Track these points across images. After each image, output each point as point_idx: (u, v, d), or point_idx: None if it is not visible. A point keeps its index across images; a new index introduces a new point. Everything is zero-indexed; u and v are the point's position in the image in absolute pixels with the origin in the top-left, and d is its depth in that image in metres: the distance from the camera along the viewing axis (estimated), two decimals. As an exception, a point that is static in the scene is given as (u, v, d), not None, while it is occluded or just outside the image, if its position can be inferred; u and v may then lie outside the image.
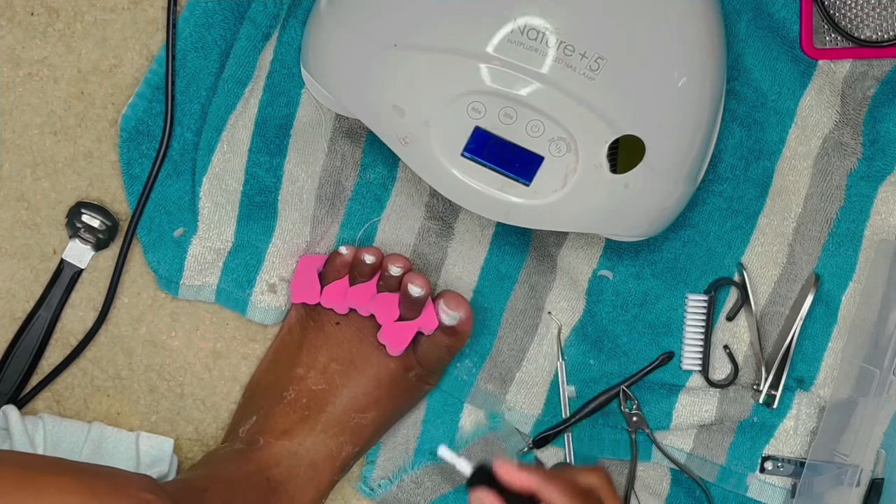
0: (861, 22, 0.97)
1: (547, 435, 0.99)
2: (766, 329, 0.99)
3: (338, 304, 0.94)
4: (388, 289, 0.94)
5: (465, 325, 0.94)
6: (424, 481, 0.99)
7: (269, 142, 0.95)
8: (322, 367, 0.94)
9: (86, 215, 0.95)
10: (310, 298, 0.95)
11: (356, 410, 0.94)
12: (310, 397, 0.93)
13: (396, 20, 0.83)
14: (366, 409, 0.94)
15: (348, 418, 0.93)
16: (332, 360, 0.94)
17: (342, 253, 0.95)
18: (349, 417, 0.93)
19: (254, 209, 0.96)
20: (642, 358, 0.99)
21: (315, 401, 0.93)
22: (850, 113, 0.97)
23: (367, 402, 0.94)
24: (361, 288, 0.94)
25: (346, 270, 0.95)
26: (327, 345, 0.95)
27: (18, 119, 0.95)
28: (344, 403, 0.93)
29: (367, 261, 0.94)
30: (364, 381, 0.94)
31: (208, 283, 0.97)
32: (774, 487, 1.00)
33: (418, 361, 0.95)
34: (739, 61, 0.96)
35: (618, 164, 0.86)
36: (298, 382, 0.94)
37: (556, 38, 0.81)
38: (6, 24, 0.94)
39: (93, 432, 0.94)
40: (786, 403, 0.99)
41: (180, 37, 0.94)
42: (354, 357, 0.94)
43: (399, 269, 0.93)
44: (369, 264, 0.94)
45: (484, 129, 0.83)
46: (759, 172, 0.98)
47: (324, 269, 0.96)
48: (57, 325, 0.96)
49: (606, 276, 0.99)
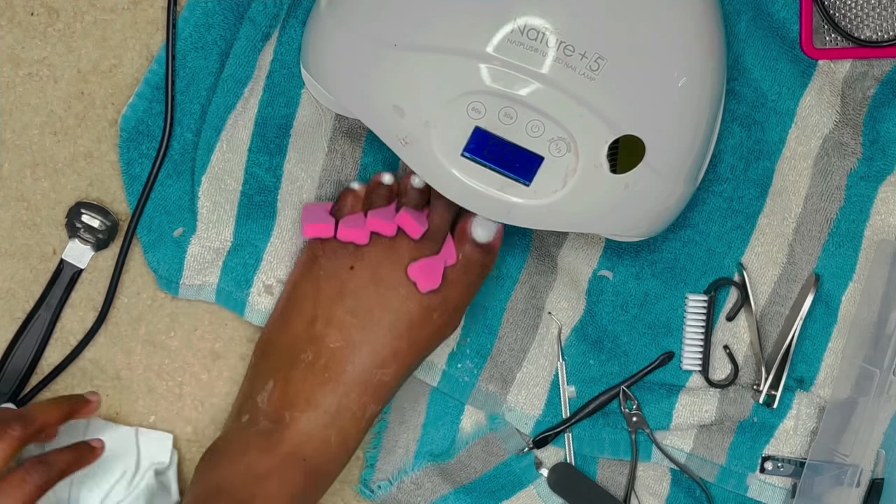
0: (861, 22, 0.97)
1: (547, 435, 0.99)
2: (766, 329, 0.99)
3: (357, 234, 0.89)
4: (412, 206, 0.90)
5: (498, 240, 0.91)
6: (424, 482, 0.99)
7: (268, 141, 0.95)
8: (339, 321, 0.89)
9: (86, 215, 0.95)
10: (324, 232, 0.90)
11: (377, 366, 0.89)
12: (329, 357, 0.89)
13: (396, 20, 0.83)
14: (387, 364, 0.89)
15: (370, 376, 0.89)
16: (349, 313, 0.89)
17: (354, 188, 0.91)
18: (371, 375, 0.89)
19: (253, 209, 0.96)
20: (642, 358, 0.99)
21: (334, 360, 0.89)
22: (850, 113, 0.97)
23: (388, 355, 0.89)
24: (382, 210, 0.89)
25: (360, 206, 0.91)
26: (342, 295, 0.89)
27: (18, 119, 0.95)
28: (364, 360, 0.89)
29: (385, 181, 0.90)
30: (384, 332, 0.89)
31: (208, 283, 0.97)
32: (774, 487, 1.00)
33: (444, 297, 0.90)
34: (739, 61, 0.96)
35: (618, 165, 0.86)
36: (315, 342, 0.89)
37: (556, 38, 0.81)
38: (6, 24, 0.94)
39: (91, 427, 0.95)
40: (786, 403, 0.99)
41: (180, 37, 0.94)
42: (373, 306, 0.89)
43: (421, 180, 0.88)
44: (388, 185, 0.90)
45: (484, 129, 0.83)
46: (759, 172, 0.98)
47: (335, 207, 0.92)
48: (57, 325, 0.96)
49: (606, 276, 0.99)
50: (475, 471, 0.99)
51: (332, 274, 0.89)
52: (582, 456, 1.00)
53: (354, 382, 0.89)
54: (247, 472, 0.87)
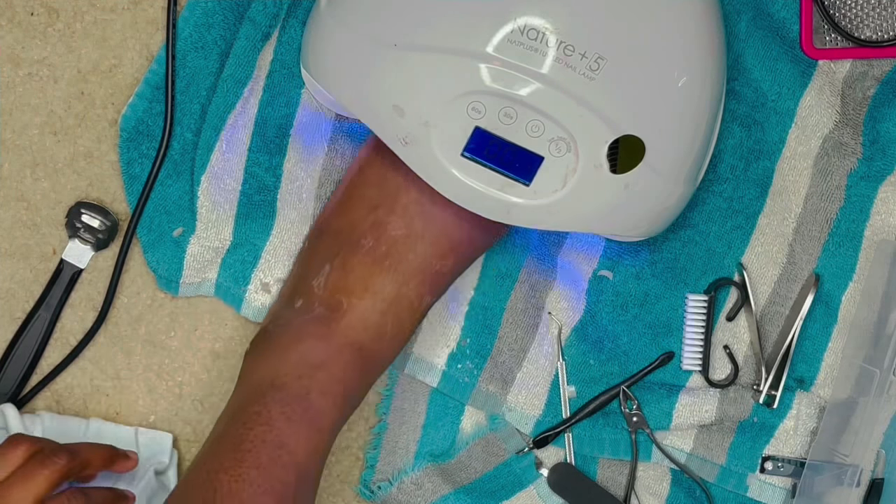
0: (861, 22, 0.97)
1: (547, 435, 0.99)
2: (766, 329, 0.99)
3: None
4: None
5: None
6: (424, 483, 0.99)
7: (268, 141, 0.95)
8: (402, 209, 0.88)
9: (86, 215, 0.95)
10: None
11: (437, 257, 0.89)
12: (390, 244, 0.88)
13: (396, 20, 0.83)
14: (446, 256, 0.89)
15: (429, 266, 0.89)
16: (413, 202, 0.88)
17: None
18: (430, 265, 0.88)
19: (252, 208, 0.96)
20: (642, 358, 0.99)
21: (396, 248, 0.88)
22: (850, 113, 0.97)
23: (447, 246, 0.89)
24: None
25: None
26: (407, 184, 0.88)
27: (18, 119, 0.95)
28: (425, 250, 0.88)
29: None
30: (446, 224, 0.89)
31: (207, 279, 0.97)
32: (774, 487, 1.00)
33: None
34: (739, 61, 0.96)
35: (618, 165, 0.86)
36: (377, 228, 0.88)
37: (556, 38, 0.81)
38: (6, 24, 0.94)
39: (91, 428, 0.95)
40: (786, 403, 0.99)
41: (180, 37, 0.94)
42: (437, 197, 0.86)
43: None
44: None
45: (484, 129, 0.83)
46: (759, 172, 0.98)
47: None
48: (56, 324, 0.96)
49: (606, 276, 0.99)
50: (475, 471, 0.99)
51: (399, 164, 0.87)
52: (582, 456, 1.00)
53: (414, 272, 0.88)
54: (301, 363, 0.86)
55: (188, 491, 0.83)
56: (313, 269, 0.90)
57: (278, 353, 0.88)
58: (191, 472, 0.84)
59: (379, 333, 0.88)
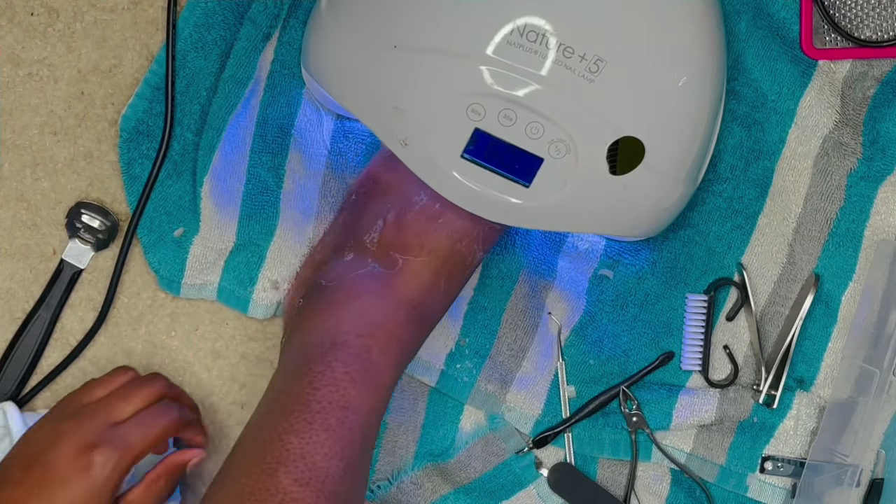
0: (861, 22, 0.97)
1: (547, 435, 0.99)
2: (766, 329, 0.99)
3: None
4: None
5: None
6: (424, 482, 0.99)
7: (270, 141, 0.96)
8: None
9: (86, 215, 0.95)
10: None
11: None
12: (444, 201, 0.87)
13: (397, 21, 0.83)
14: None
15: (481, 222, 0.88)
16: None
17: None
18: (482, 221, 0.88)
19: (255, 209, 0.96)
20: (642, 358, 0.99)
21: (450, 205, 0.86)
22: (850, 113, 0.97)
23: None
24: None
25: None
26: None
27: (18, 119, 0.95)
28: None
29: None
30: None
31: (210, 282, 0.97)
32: (774, 487, 1.00)
33: None
34: (739, 61, 0.96)
35: (617, 166, 0.86)
36: None
37: (556, 40, 0.81)
38: (6, 24, 0.94)
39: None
40: (786, 403, 0.99)
41: (180, 37, 0.94)
42: None
43: None
44: None
45: (484, 130, 0.83)
46: (759, 172, 0.98)
47: None
48: (56, 325, 0.96)
49: (606, 276, 0.99)
50: (475, 471, 1.00)
51: None
52: (582, 456, 1.00)
53: (468, 228, 0.89)
54: (360, 320, 0.85)
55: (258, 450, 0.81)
56: (364, 224, 0.90)
57: (337, 308, 0.87)
58: (255, 430, 0.82)
59: (433, 291, 0.88)
